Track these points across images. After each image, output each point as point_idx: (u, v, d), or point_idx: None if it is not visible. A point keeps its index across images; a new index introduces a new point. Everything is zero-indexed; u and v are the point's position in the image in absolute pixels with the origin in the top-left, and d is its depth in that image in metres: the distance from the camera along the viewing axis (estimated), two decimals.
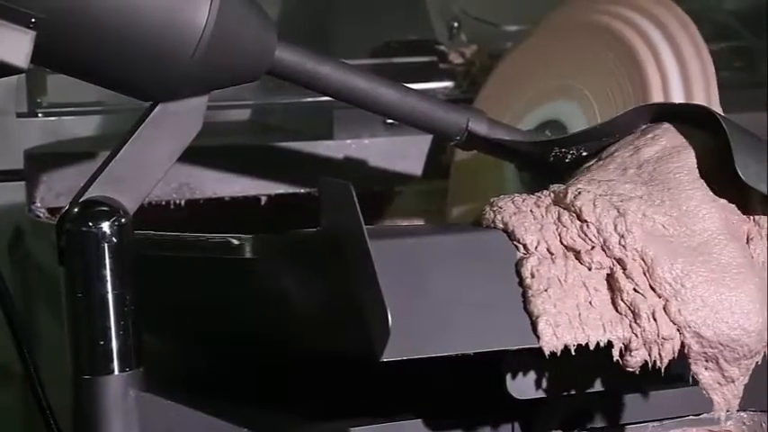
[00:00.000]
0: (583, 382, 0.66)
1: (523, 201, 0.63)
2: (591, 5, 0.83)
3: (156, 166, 0.62)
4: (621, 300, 0.59)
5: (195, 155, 0.92)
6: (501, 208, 0.63)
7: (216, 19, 0.60)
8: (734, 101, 1.05)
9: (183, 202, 0.91)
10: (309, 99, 0.96)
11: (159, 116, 0.62)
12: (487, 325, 0.59)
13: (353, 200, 0.57)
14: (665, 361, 0.60)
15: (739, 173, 0.60)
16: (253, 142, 0.96)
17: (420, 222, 0.96)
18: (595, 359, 0.62)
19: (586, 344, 0.59)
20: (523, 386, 0.64)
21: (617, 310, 0.59)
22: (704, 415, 0.72)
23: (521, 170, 0.80)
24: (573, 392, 0.66)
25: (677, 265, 0.59)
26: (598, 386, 0.66)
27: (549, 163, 0.73)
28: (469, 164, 0.89)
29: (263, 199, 0.94)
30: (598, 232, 0.61)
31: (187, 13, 0.59)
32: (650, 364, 0.61)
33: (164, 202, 0.91)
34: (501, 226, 0.62)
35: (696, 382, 0.67)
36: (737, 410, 0.73)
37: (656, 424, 0.71)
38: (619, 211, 0.61)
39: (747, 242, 0.63)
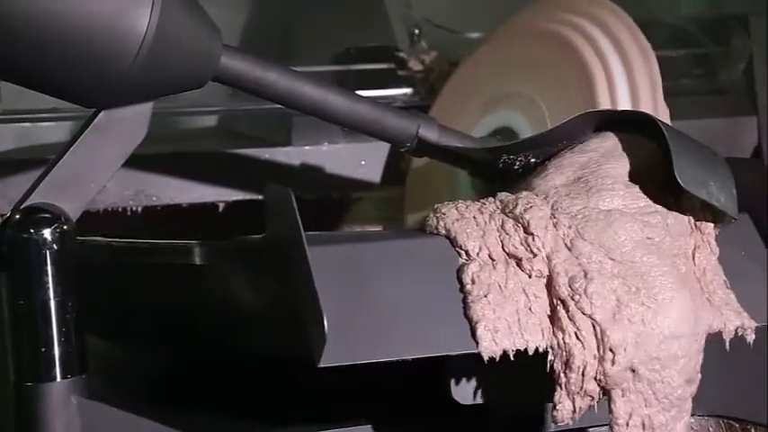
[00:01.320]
0: (529, 388, 0.66)
1: (467, 207, 0.64)
2: (542, 13, 0.84)
3: (99, 172, 0.62)
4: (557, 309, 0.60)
5: (153, 162, 0.92)
6: (444, 214, 0.63)
7: (157, 26, 0.60)
8: (694, 107, 1.06)
9: (139, 209, 0.91)
10: (268, 106, 0.96)
11: (102, 123, 0.62)
12: (428, 331, 0.59)
13: (293, 206, 0.58)
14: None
15: (678, 179, 0.61)
16: (211, 149, 0.96)
17: (377, 229, 0.97)
18: (541, 365, 0.63)
19: (525, 349, 0.59)
20: (467, 392, 0.65)
21: (554, 318, 0.60)
22: None
23: (473, 176, 0.80)
24: (518, 398, 0.66)
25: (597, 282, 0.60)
26: (541, 392, 0.67)
27: (500, 170, 0.73)
28: (425, 170, 0.89)
29: (221, 206, 0.94)
30: (543, 245, 0.61)
31: (127, 20, 0.59)
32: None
33: (120, 209, 0.91)
34: (444, 232, 0.63)
35: None
36: None
37: (604, 429, 0.72)
38: (563, 232, 0.61)
39: (694, 251, 0.64)
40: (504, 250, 0.62)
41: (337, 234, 0.63)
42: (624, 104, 0.75)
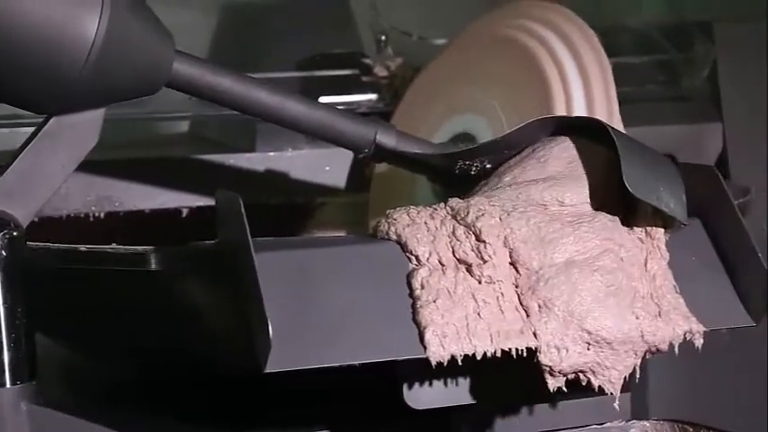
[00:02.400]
0: (483, 393, 0.67)
1: (418, 213, 0.64)
2: (500, 20, 0.85)
3: (49, 178, 0.63)
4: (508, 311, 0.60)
5: (115, 167, 0.93)
6: (395, 220, 0.63)
7: (106, 32, 0.60)
8: (659, 114, 1.07)
9: (102, 215, 0.91)
10: (232, 112, 0.96)
11: (53, 129, 0.62)
12: (377, 336, 0.59)
13: (241, 211, 0.58)
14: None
15: (627, 185, 0.61)
16: (174, 155, 0.96)
17: (342, 234, 0.97)
18: (492, 369, 0.63)
19: (473, 354, 0.60)
20: (420, 396, 0.65)
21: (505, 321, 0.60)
22: (608, 424, 0.73)
23: (432, 182, 0.81)
24: (472, 403, 0.66)
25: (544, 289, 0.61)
26: (497, 397, 0.67)
27: (458, 175, 0.74)
28: (388, 176, 0.89)
29: (185, 211, 0.94)
30: (494, 253, 0.61)
31: (75, 27, 0.59)
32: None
33: (83, 215, 0.91)
34: (395, 237, 0.63)
35: (601, 392, 0.68)
36: (641, 419, 0.75)
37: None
38: (511, 228, 0.61)
39: (646, 258, 0.64)
40: (454, 256, 0.62)
41: (286, 240, 0.62)
42: (579, 109, 0.75)
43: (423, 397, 0.65)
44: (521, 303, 0.60)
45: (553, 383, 0.61)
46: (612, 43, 1.10)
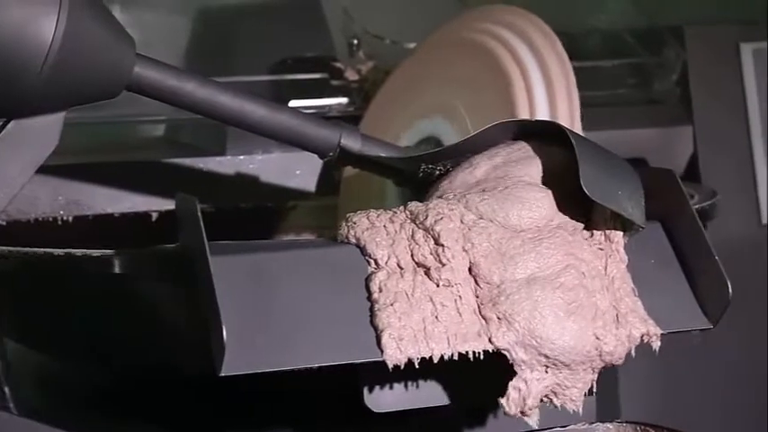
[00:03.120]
0: (444, 396, 0.67)
1: (378, 216, 0.64)
2: (466, 24, 0.85)
3: (9, 182, 0.62)
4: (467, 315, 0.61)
5: (84, 171, 0.93)
6: (355, 223, 0.64)
7: (64, 34, 0.60)
8: (630, 117, 1.07)
9: (70, 219, 0.91)
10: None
11: (11, 133, 0.62)
12: (335, 339, 0.59)
13: (197, 214, 0.58)
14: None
15: (584, 188, 0.61)
16: (143, 158, 0.96)
17: (312, 237, 0.97)
18: (453, 372, 0.63)
19: (431, 357, 0.60)
20: (380, 400, 0.65)
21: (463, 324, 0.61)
22: (571, 427, 0.73)
23: (399, 186, 0.81)
24: (433, 406, 0.67)
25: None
26: (458, 400, 0.68)
27: (422, 179, 0.74)
28: (356, 180, 0.89)
29: (155, 215, 0.94)
30: (452, 256, 0.62)
31: (32, 30, 0.59)
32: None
33: (51, 219, 0.91)
34: (354, 241, 0.63)
35: None
36: (604, 422, 0.75)
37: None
38: (472, 242, 0.61)
39: (606, 263, 0.64)
40: (413, 259, 0.62)
41: (245, 243, 0.62)
42: (542, 112, 0.76)
43: (383, 400, 0.65)
44: (480, 314, 0.61)
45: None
46: (584, 47, 1.11)
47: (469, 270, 0.62)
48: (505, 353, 0.60)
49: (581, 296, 0.62)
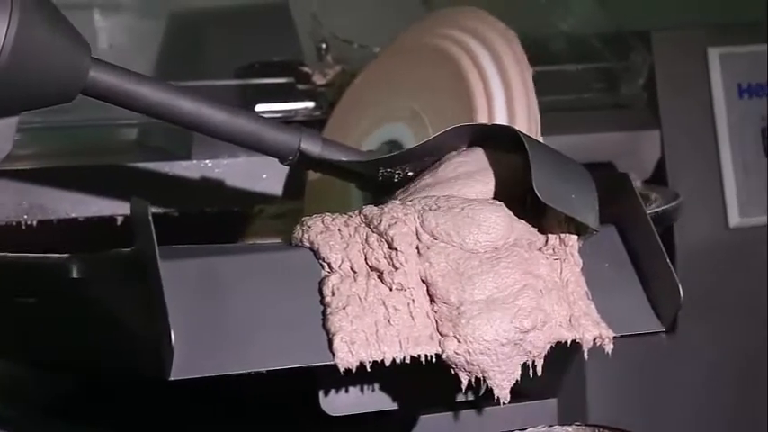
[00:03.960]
0: (400, 399, 0.67)
1: (332, 220, 0.64)
2: (428, 29, 0.85)
3: None
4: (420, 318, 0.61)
5: (49, 176, 0.92)
6: (309, 227, 0.64)
7: (15, 38, 0.60)
8: (598, 121, 1.08)
9: (35, 223, 0.91)
10: None
11: None
12: (286, 343, 0.59)
13: (148, 218, 0.58)
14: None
15: (537, 192, 0.62)
16: (109, 162, 0.96)
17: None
18: (410, 375, 0.63)
19: (383, 360, 0.60)
20: (336, 403, 0.65)
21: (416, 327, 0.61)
22: (530, 429, 0.73)
23: (361, 190, 0.81)
24: (389, 409, 0.67)
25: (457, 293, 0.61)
26: (415, 403, 0.68)
27: (383, 183, 0.74)
28: (320, 184, 0.89)
29: (120, 219, 0.94)
30: (406, 260, 0.62)
31: None
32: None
33: (15, 223, 0.91)
34: (308, 244, 0.63)
35: (524, 398, 0.68)
36: (563, 424, 0.75)
37: None
38: (430, 262, 0.62)
39: (561, 267, 0.65)
40: (366, 263, 0.62)
41: (199, 247, 0.62)
42: (501, 115, 0.76)
43: (339, 403, 0.65)
44: (437, 330, 0.61)
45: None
46: (552, 51, 1.11)
47: (427, 290, 0.62)
48: (452, 367, 0.61)
49: (538, 319, 0.62)
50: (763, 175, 1.07)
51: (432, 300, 0.62)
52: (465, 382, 0.62)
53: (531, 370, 0.63)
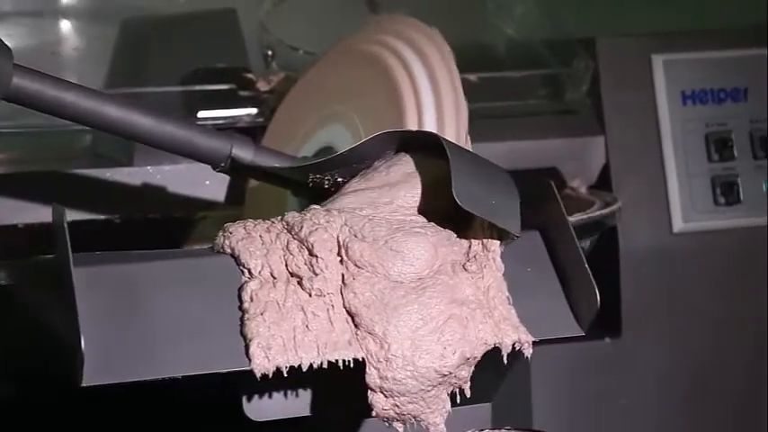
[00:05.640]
0: (324, 405, 0.67)
1: (254, 226, 0.64)
2: (365, 35, 0.85)
3: None
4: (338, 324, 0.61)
5: None
6: (231, 233, 0.64)
7: None
8: (543, 127, 1.08)
9: None
10: None
11: None
12: (204, 349, 0.59)
13: (64, 224, 0.58)
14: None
15: (455, 197, 0.62)
16: (49, 169, 0.95)
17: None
18: (335, 380, 0.64)
19: (300, 366, 0.60)
20: (260, 408, 0.65)
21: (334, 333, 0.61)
22: None
23: (297, 196, 0.81)
24: (314, 414, 0.67)
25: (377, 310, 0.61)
26: (339, 409, 0.68)
27: (314, 189, 0.74)
28: (259, 190, 0.89)
29: None
30: (326, 266, 0.62)
31: None
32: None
33: None
34: (229, 251, 0.63)
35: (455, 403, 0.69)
36: (494, 429, 0.75)
37: None
38: (355, 292, 0.62)
39: (483, 272, 0.65)
40: (287, 269, 0.62)
41: (118, 254, 0.62)
42: (430, 121, 0.76)
43: (263, 409, 0.65)
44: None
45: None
46: (497, 58, 1.12)
47: (352, 320, 0.62)
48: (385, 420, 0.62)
49: (464, 353, 0.62)
50: (706, 181, 1.08)
51: (357, 327, 0.62)
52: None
53: (458, 396, 0.64)
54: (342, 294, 0.61)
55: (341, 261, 0.63)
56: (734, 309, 1.08)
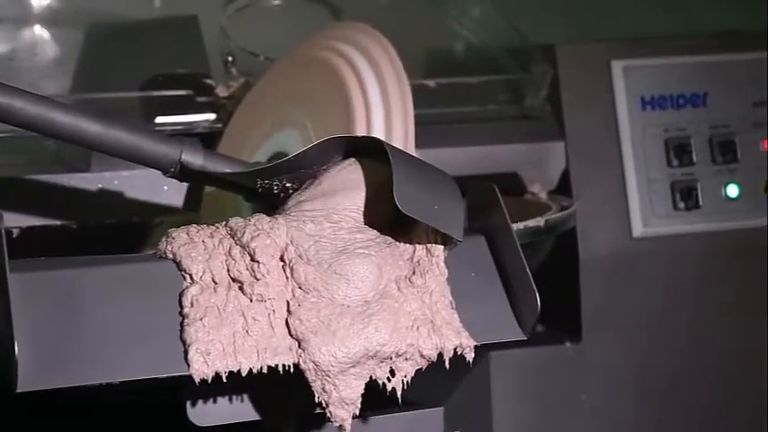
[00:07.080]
0: (270, 408, 0.67)
1: (198, 232, 0.64)
2: (317, 41, 0.86)
3: None
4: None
5: None
6: (173, 238, 0.64)
7: None
8: (503, 133, 1.09)
9: None
10: None
11: None
12: (143, 354, 0.59)
13: (0, 230, 0.58)
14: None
15: (397, 202, 0.62)
16: (5, 175, 0.95)
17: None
18: (279, 385, 0.64)
19: (239, 371, 0.60)
20: (205, 413, 0.65)
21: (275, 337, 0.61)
22: None
23: (248, 201, 0.81)
24: (259, 419, 0.67)
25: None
26: (286, 413, 0.68)
27: (263, 194, 0.74)
28: (214, 195, 0.90)
29: (15, 232, 0.93)
30: (267, 272, 0.62)
31: None
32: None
33: None
34: (171, 256, 0.63)
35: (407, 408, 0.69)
36: None
37: None
38: (300, 319, 0.62)
39: (426, 277, 0.65)
40: (228, 274, 0.62)
41: (58, 260, 0.62)
42: (378, 127, 0.76)
43: (207, 414, 0.65)
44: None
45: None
46: (457, 63, 1.12)
47: (299, 345, 0.62)
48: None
49: (410, 374, 0.63)
50: (666, 186, 1.08)
51: (303, 351, 0.62)
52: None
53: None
54: (287, 320, 0.62)
55: (284, 270, 0.63)
56: (693, 313, 1.09)
